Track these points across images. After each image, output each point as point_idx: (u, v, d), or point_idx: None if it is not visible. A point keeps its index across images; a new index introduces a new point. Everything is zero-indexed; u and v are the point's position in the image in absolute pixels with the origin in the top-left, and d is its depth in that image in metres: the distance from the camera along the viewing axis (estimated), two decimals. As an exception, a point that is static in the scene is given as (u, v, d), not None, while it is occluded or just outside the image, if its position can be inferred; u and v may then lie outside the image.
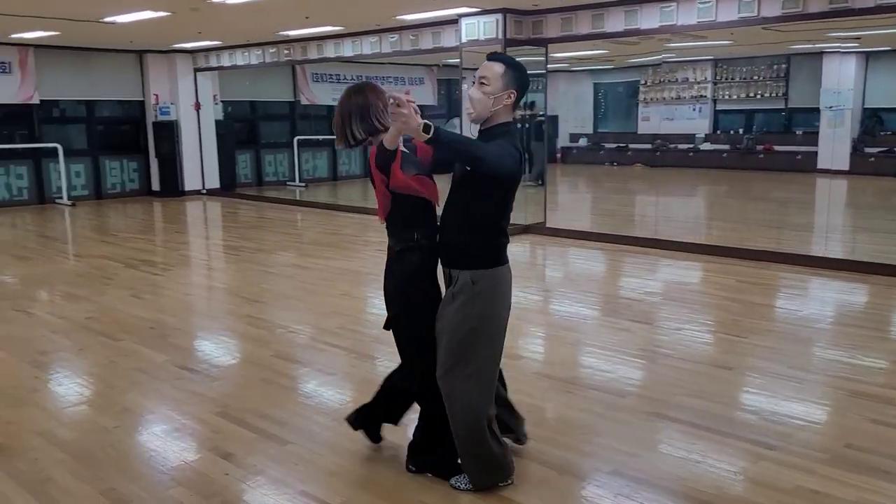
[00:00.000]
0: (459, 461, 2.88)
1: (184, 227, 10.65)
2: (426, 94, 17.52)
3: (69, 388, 4.04)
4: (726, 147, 16.85)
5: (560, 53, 12.35)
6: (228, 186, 14.05)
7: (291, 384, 4.09)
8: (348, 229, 9.70)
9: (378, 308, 5.58)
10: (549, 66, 9.19)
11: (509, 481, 2.88)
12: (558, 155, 19.23)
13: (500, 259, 2.81)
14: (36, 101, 11.94)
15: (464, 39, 8.95)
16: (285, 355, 4.55)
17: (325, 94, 15.68)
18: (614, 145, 18.85)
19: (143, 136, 13.57)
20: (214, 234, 10.23)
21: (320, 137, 16.22)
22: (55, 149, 12.10)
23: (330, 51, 10.98)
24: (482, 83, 2.75)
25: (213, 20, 9.42)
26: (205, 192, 13.71)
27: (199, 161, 13.65)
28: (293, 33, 10.63)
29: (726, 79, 17.09)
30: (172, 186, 13.47)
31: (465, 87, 9.96)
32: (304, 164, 15.82)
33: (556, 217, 9.57)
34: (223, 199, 13.32)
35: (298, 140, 15.30)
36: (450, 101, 18.69)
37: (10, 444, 3.30)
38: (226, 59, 12.68)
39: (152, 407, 3.74)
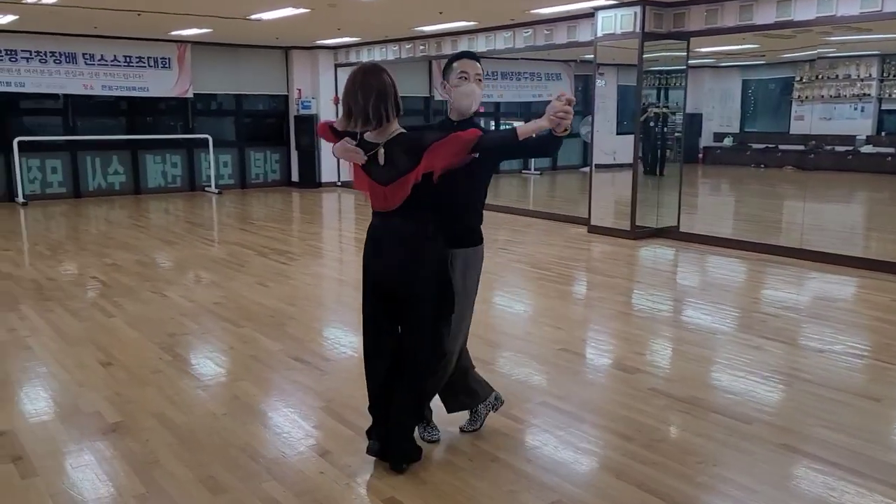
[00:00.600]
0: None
1: (317, 218, 11.00)
2: (564, 90, 17.18)
3: (188, 371, 4.20)
4: (891, 150, 15.34)
5: (705, 48, 11.68)
6: (363, 179, 14.39)
7: (397, 383, 4.03)
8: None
9: (497, 311, 5.48)
10: (692, 61, 8.68)
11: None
12: (700, 155, 18.28)
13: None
14: (190, 94, 12.74)
15: (599, 34, 8.62)
16: (395, 352, 4.52)
17: (459, 90, 15.72)
18: (762, 146, 17.66)
19: (286, 129, 14.18)
20: (344, 226, 10.50)
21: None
22: (206, 140, 12.87)
23: (463, 46, 10.93)
24: (478, 79, 3.00)
25: (350, 16, 9.63)
26: (340, 184, 14.12)
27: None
28: (428, 29, 10.68)
29: (895, 76, 15.56)
30: (310, 178, 13.98)
31: (598, 82, 9.63)
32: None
33: (692, 221, 9.05)
34: (356, 192, 13.66)
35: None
36: (586, 98, 18.22)
37: (127, 422, 3.45)
38: (364, 55, 12.97)
39: (260, 396, 3.81)
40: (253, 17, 9.35)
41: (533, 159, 16.95)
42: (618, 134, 18.36)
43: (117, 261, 7.25)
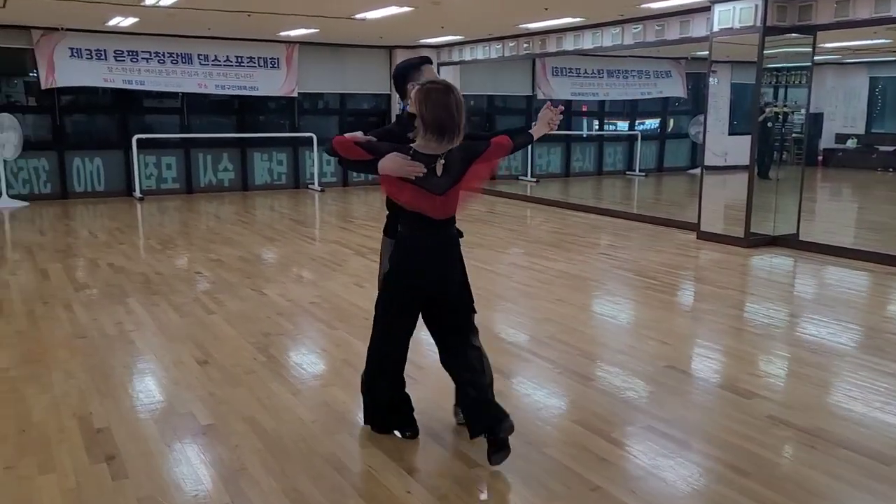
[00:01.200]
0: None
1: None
2: (675, 87, 16.52)
3: (280, 374, 4.17)
4: None
5: (830, 44, 10.86)
6: (462, 179, 14.30)
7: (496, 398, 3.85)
8: (575, 229, 9.33)
9: (597, 321, 5.21)
10: (816, 57, 8.05)
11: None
12: (820, 158, 17.15)
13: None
14: (296, 94, 13.00)
15: (715, 28, 8.13)
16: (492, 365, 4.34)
17: (564, 89, 15.37)
18: (891, 148, 16.38)
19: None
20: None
21: (555, 132, 15.99)
22: (311, 138, 13.11)
23: (569, 44, 10.63)
24: None
25: (454, 15, 9.52)
26: (439, 183, 14.09)
27: (436, 153, 14.03)
28: (532, 26, 10.44)
29: None
30: (410, 177, 13.98)
31: (712, 80, 9.11)
32: (538, 158, 15.67)
33: (812, 228, 8.42)
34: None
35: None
36: (697, 96, 17.46)
37: (218, 426, 3.43)
38: (467, 54, 12.86)
39: (350, 404, 3.72)
40: (357, 16, 9.40)
41: (639, 159, 16.41)
42: (730, 134, 17.57)
43: (221, 256, 7.41)
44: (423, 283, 3.06)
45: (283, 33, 11.45)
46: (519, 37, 11.50)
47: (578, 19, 9.71)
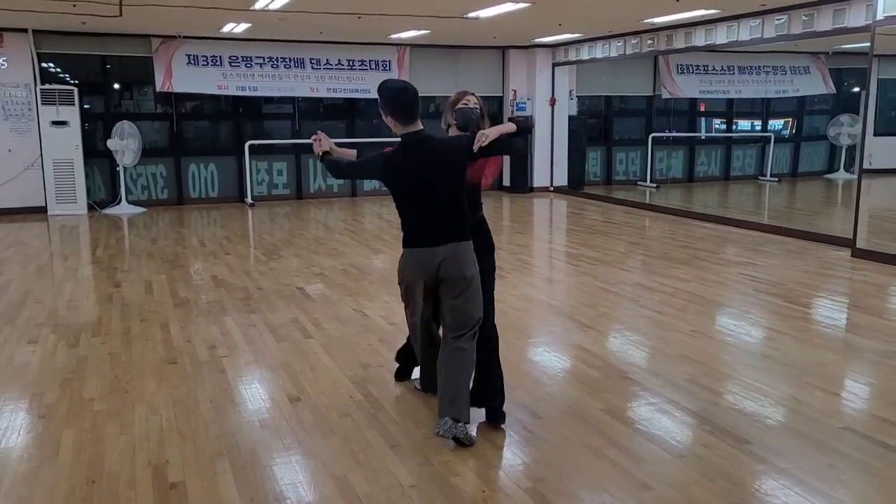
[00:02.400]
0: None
1: (527, 228, 10.36)
2: (815, 84, 15.07)
3: (378, 419, 3.67)
4: None
5: None
6: (576, 185, 13.56)
7: (623, 460, 3.20)
8: (703, 242, 8.44)
9: (745, 361, 4.40)
10: None
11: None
12: None
13: None
14: (407, 97, 12.65)
15: (879, 16, 7.07)
16: (618, 412, 3.69)
17: (691, 87, 14.32)
18: None
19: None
20: (556, 238, 9.73)
21: (678, 134, 14.95)
22: (419, 143, 12.73)
23: (699, 39, 9.70)
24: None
25: (574, 10, 8.85)
26: (552, 189, 13.40)
27: (550, 158, 13.37)
28: (659, 20, 9.58)
29: None
30: (521, 182, 13.39)
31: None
32: (658, 163, 14.68)
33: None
34: (570, 198, 12.87)
35: (653, 137, 14.22)
36: (839, 94, 15.89)
37: (302, 487, 2.97)
38: (585, 53, 12.10)
39: (455, 464, 3.17)
40: (470, 15, 8.89)
41: (771, 163, 15.10)
42: (875, 135, 15.88)
43: (325, 269, 7.08)
44: None
45: (393, 35, 11.12)
46: (642, 33, 10.66)
47: (712, 11, 8.79)
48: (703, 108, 15.25)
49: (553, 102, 13.20)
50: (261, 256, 7.79)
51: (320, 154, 3.73)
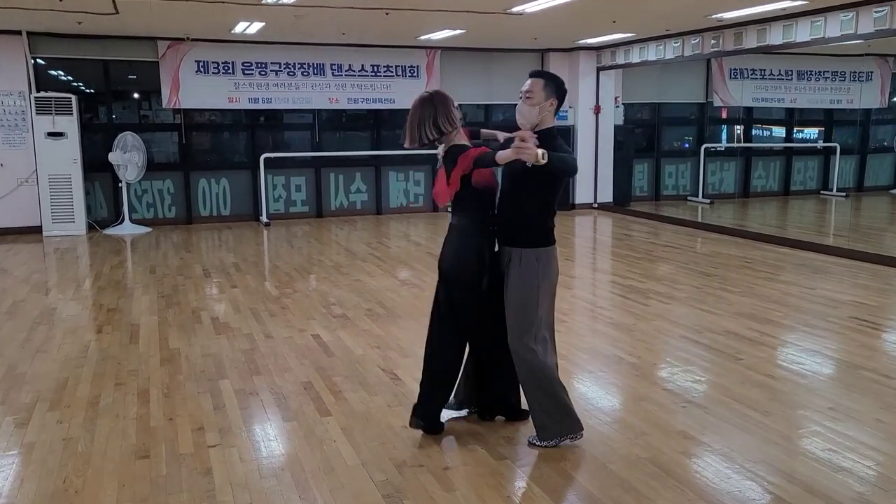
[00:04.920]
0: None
1: (573, 253, 9.14)
2: (871, 95, 13.71)
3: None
4: None
5: None
6: (622, 200, 12.33)
7: None
8: (789, 273, 7.19)
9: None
10: None
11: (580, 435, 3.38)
12: None
13: (553, 239, 3.42)
14: (437, 105, 11.52)
15: None
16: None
17: (744, 94, 13.07)
18: None
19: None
20: (611, 266, 8.48)
21: (731, 145, 13.68)
22: (451, 155, 11.60)
23: (776, 35, 8.45)
24: (527, 97, 3.28)
25: (631, 4, 7.68)
26: (596, 206, 12.19)
27: (594, 171, 12.16)
28: (730, 15, 8.36)
29: None
30: (562, 199, 12.16)
31: None
32: (710, 176, 13.40)
33: None
34: (615, 216, 11.67)
35: (706, 149, 12.96)
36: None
37: None
38: (635, 55, 10.90)
39: None
40: (515, 9, 7.75)
41: (836, 178, 13.76)
42: None
43: (347, 309, 5.94)
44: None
45: (424, 37, 10.01)
46: (705, 31, 9.43)
47: (798, 3, 7.54)
48: (724, 116, 13.76)
49: (598, 110, 12.00)
50: (272, 291, 6.67)
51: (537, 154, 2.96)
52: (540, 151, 2.93)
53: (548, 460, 3.34)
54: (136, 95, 11.04)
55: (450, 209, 3.45)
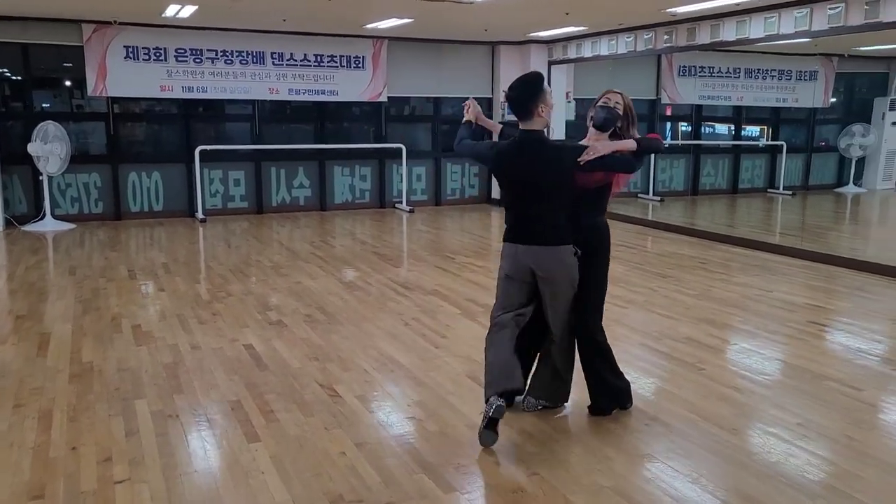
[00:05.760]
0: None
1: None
2: (816, 94, 13.79)
3: None
4: None
5: None
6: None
7: None
8: (746, 275, 7.03)
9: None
10: None
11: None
12: None
13: (508, 237, 3.53)
14: (384, 98, 11.11)
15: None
16: None
17: (691, 91, 13.00)
18: None
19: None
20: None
21: (680, 143, 13.62)
22: (399, 149, 11.22)
23: (730, 30, 8.29)
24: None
25: (587, -5, 7.42)
26: (547, 203, 11.93)
27: (545, 168, 11.89)
28: (683, 10, 8.16)
29: None
30: (513, 195, 11.90)
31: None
32: (660, 173, 13.31)
33: None
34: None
35: (657, 145, 12.81)
36: (850, 103, 14.69)
37: None
38: (587, 49, 10.67)
39: None
40: (465, -3, 7.39)
41: (783, 179, 13.82)
42: None
43: (284, 315, 5.51)
44: None
45: (370, 25, 9.57)
46: (658, 26, 9.24)
47: (754, -2, 7.38)
48: (668, 113, 13.70)
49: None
50: (203, 295, 6.17)
51: (465, 120, 3.74)
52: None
53: (501, 492, 3.00)
54: (59, 82, 10.31)
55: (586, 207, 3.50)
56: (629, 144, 3.29)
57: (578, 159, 3.22)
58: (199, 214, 10.17)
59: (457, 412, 3.74)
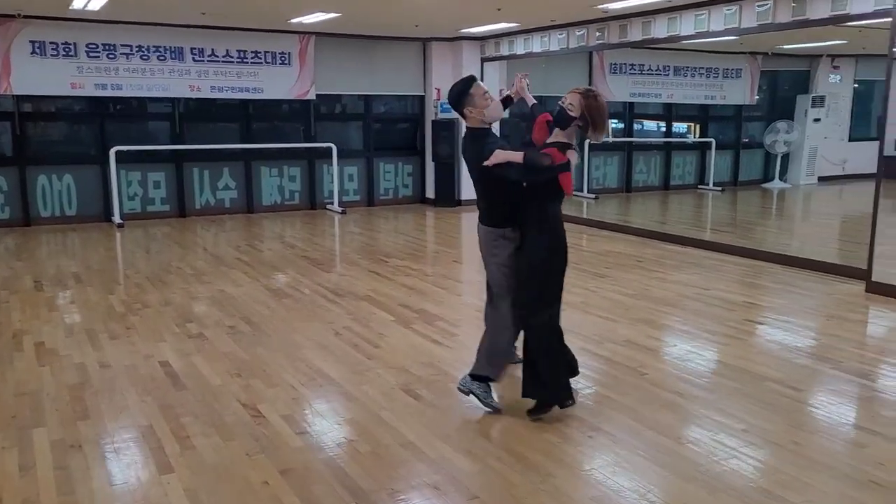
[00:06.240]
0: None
1: (458, 254, 8.64)
2: (741, 92, 14.07)
3: None
4: None
5: None
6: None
7: None
8: (655, 265, 7.00)
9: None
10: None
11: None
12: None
13: None
14: (312, 96, 10.75)
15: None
16: None
17: (622, 89, 13.06)
18: None
19: (421, 136, 11.99)
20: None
21: (613, 140, 13.65)
22: (329, 149, 10.87)
23: (661, 28, 8.28)
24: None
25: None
26: (482, 202, 11.77)
27: (479, 166, 11.73)
28: (615, 6, 8.10)
29: None
30: (448, 195, 11.72)
31: (832, 77, 6.76)
32: (594, 171, 13.33)
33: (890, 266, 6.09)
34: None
35: (590, 143, 12.84)
36: (773, 100, 15.04)
37: None
38: (520, 46, 10.55)
39: None
40: (393, -9, 7.13)
41: (712, 175, 14.03)
42: (851, 140, 15.12)
43: (206, 327, 5.16)
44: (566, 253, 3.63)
45: (295, 20, 9.19)
46: (590, 23, 9.18)
47: (684, -5, 7.36)
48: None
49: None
50: (118, 306, 5.75)
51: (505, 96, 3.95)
52: None
53: (440, 520, 2.77)
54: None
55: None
56: (517, 157, 3.38)
57: (485, 162, 3.41)
58: (116, 219, 9.60)
59: (391, 430, 3.50)
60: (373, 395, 3.95)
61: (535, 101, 4.01)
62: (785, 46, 13.25)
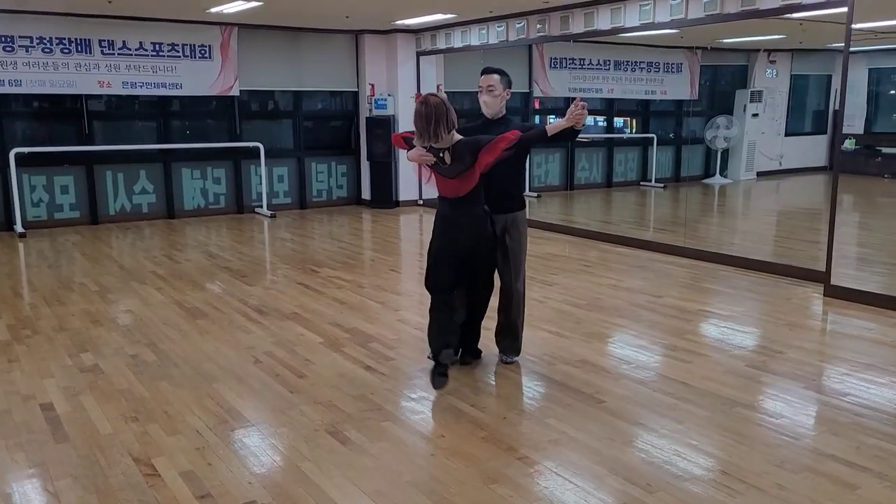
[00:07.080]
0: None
1: (396, 262, 8.08)
2: (682, 86, 13.89)
3: None
4: None
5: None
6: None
7: None
8: (604, 270, 6.61)
9: None
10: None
11: None
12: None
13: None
14: (236, 92, 10.02)
15: (858, -13, 5.48)
16: None
17: (562, 84, 12.69)
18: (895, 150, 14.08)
19: (355, 133, 11.38)
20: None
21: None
22: (257, 149, 10.17)
23: (604, 19, 7.89)
24: (490, 90, 4.08)
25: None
26: (422, 202, 11.25)
27: (418, 165, 11.19)
28: (557, -3, 7.67)
29: None
30: (385, 195, 11.15)
31: (769, 72, 6.46)
32: (536, 168, 12.94)
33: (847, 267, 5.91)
34: (443, 214, 10.78)
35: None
36: (712, 95, 14.92)
37: None
38: (457, 39, 10.05)
39: None
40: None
41: (654, 171, 13.81)
42: (786, 135, 15.08)
43: (104, 357, 4.48)
44: (444, 245, 3.93)
45: (214, 10, 8.47)
46: (530, 14, 8.73)
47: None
48: (537, 106, 13.41)
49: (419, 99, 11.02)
50: (2, 334, 5.00)
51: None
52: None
53: None
54: None
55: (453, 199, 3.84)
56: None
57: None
58: (18, 228, 8.71)
59: (312, 488, 2.93)
60: (293, 440, 3.38)
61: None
62: (724, 41, 13.10)
